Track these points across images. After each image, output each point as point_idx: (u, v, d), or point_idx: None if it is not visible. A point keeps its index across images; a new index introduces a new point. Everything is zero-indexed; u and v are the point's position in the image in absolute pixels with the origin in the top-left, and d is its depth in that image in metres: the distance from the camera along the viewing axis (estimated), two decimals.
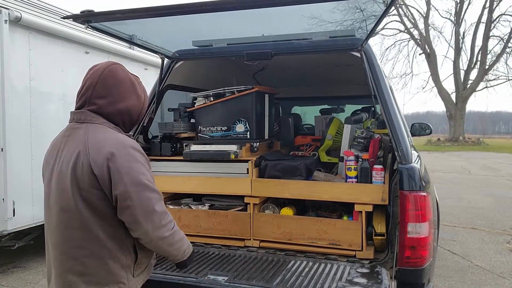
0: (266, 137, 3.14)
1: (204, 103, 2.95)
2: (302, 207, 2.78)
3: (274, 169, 2.71)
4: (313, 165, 2.88)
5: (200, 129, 2.98)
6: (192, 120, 3.07)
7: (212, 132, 2.93)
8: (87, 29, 2.18)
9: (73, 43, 4.72)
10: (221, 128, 2.91)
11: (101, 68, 1.62)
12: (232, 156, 2.64)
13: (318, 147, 3.24)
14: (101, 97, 1.59)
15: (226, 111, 2.90)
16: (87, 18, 2.02)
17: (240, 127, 2.87)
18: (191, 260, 1.73)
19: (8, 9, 3.96)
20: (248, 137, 2.86)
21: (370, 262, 2.36)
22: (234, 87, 2.92)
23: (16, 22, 3.98)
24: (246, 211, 2.69)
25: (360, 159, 2.52)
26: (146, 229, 1.50)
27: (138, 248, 1.59)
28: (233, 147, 2.72)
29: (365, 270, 2.24)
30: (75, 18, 2.05)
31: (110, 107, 1.60)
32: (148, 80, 5.51)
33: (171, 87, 3.08)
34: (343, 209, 2.67)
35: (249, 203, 2.66)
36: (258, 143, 2.89)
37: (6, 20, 3.89)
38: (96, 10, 1.99)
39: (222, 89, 2.93)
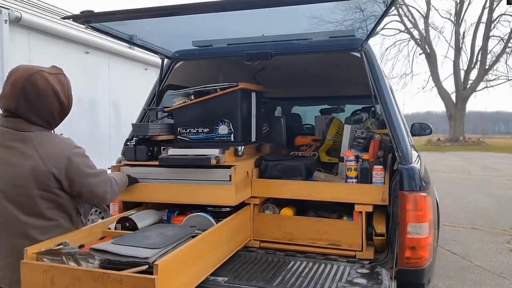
0: (253, 139, 2.87)
1: (183, 102, 2.70)
2: (302, 207, 2.77)
3: (274, 170, 2.70)
4: (313, 165, 2.87)
5: (179, 131, 2.70)
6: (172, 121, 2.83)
7: (193, 135, 2.68)
8: (87, 29, 2.18)
9: (73, 43, 4.72)
10: (202, 130, 2.66)
11: (21, 79, 1.76)
12: (213, 162, 2.38)
13: (318, 147, 3.23)
14: (27, 109, 1.76)
15: (208, 111, 2.65)
16: (87, 18, 2.02)
17: (223, 129, 2.62)
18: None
19: (8, 9, 3.95)
20: (232, 140, 2.60)
21: (370, 262, 2.36)
22: (217, 85, 2.67)
23: (16, 22, 3.98)
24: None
25: (360, 160, 2.52)
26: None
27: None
28: (215, 151, 2.49)
29: (365, 271, 2.24)
30: (75, 18, 2.05)
31: (36, 117, 1.79)
32: (148, 80, 5.53)
33: (171, 87, 3.07)
34: (343, 209, 2.67)
35: (250, 204, 2.65)
36: (243, 147, 2.65)
37: (6, 20, 3.88)
38: (96, 10, 1.99)
39: (203, 86, 2.68)
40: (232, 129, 2.60)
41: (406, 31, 27.05)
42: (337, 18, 2.55)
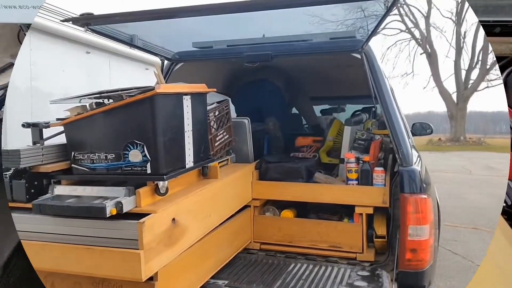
0: (190, 164, 2.04)
1: (77, 114, 1.87)
2: (303, 209, 2.77)
3: (275, 172, 2.70)
4: (314, 167, 2.86)
5: (74, 156, 1.87)
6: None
7: (93, 162, 1.84)
8: (87, 31, 2.18)
9: (74, 43, 4.73)
10: (105, 156, 1.82)
11: None
12: (112, 211, 1.61)
13: (319, 148, 3.22)
14: None
15: (112, 128, 1.84)
16: (86, 21, 2.01)
17: (134, 155, 1.77)
18: None
19: None
20: (149, 171, 1.77)
21: (371, 264, 2.36)
22: (123, 89, 1.81)
23: None
24: None
25: (361, 161, 2.52)
26: None
27: None
28: (118, 191, 1.71)
29: (365, 273, 2.23)
30: (74, 21, 2.04)
31: None
32: (149, 80, 5.52)
33: None
34: (344, 211, 2.66)
35: (250, 206, 2.65)
36: (166, 181, 1.81)
37: None
38: (97, 9, 1.99)
39: (103, 91, 1.86)
40: (147, 155, 1.76)
41: (407, 30, 26.98)
42: (338, 18, 2.55)
